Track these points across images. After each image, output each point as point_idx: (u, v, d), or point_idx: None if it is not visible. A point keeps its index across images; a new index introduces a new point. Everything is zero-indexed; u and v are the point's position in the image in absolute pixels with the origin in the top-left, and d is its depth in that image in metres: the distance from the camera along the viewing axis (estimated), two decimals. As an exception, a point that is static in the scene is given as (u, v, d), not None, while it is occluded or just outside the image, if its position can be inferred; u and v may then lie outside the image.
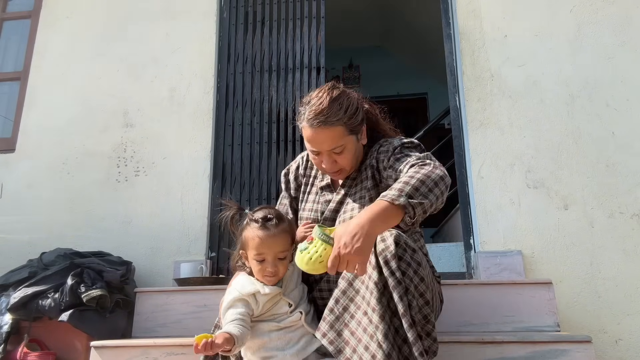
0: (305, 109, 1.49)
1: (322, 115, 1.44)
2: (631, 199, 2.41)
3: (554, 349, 1.63)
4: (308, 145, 1.51)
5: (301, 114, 1.51)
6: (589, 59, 2.64)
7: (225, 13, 3.10)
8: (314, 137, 1.47)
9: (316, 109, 1.45)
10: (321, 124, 1.44)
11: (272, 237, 1.41)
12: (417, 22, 5.22)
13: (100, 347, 1.88)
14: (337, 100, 1.48)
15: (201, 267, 2.51)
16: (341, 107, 1.47)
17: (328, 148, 1.47)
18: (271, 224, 1.42)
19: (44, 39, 3.19)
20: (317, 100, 1.47)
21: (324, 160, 1.50)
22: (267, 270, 1.41)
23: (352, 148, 1.51)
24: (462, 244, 2.60)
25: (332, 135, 1.46)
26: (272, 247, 1.41)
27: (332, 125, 1.45)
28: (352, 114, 1.49)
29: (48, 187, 2.88)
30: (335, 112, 1.45)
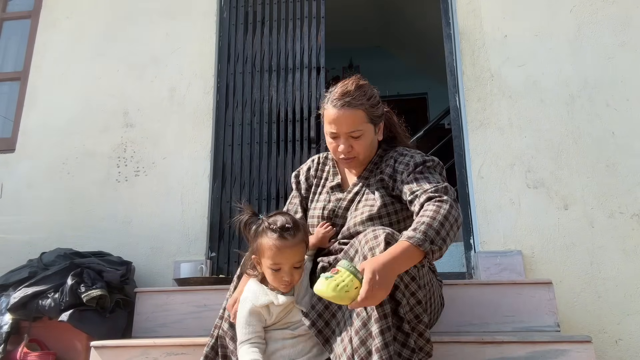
0: (329, 94, 1.57)
1: (347, 96, 1.51)
2: (631, 199, 2.41)
3: (554, 349, 1.63)
4: (328, 127, 1.55)
5: (325, 98, 1.57)
6: (589, 59, 2.63)
7: (225, 13, 3.10)
8: (337, 117, 1.51)
9: (342, 90, 1.52)
10: (345, 105, 1.50)
11: (290, 248, 1.38)
12: (417, 22, 5.22)
13: (100, 347, 1.88)
14: (361, 87, 1.56)
15: (201, 267, 2.51)
16: (365, 93, 1.55)
17: (347, 130, 1.52)
18: (289, 234, 1.39)
19: (44, 39, 3.19)
20: (343, 85, 1.55)
21: (340, 144, 1.53)
22: (283, 279, 1.39)
23: (369, 136, 1.56)
24: (462, 244, 2.60)
25: (354, 117, 1.51)
26: (289, 258, 1.39)
27: (355, 107, 1.51)
28: (374, 103, 1.56)
29: (48, 187, 2.88)
30: (359, 96, 1.52)
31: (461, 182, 2.63)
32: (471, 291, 2.06)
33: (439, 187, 1.38)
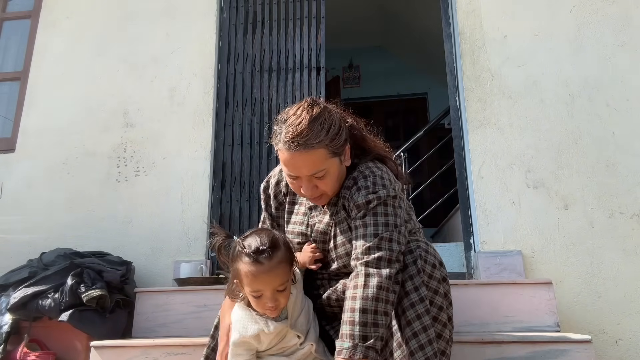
0: (281, 129, 1.31)
1: (301, 137, 1.27)
2: (631, 199, 2.41)
3: (554, 349, 1.63)
4: (285, 170, 1.34)
5: (276, 134, 1.33)
6: (589, 59, 2.64)
7: (225, 13, 3.10)
8: (292, 161, 1.30)
9: (294, 130, 1.28)
10: (300, 147, 1.27)
11: (267, 273, 1.25)
12: (417, 22, 5.22)
13: (100, 347, 1.88)
14: (317, 119, 1.30)
15: (201, 267, 2.51)
16: (322, 127, 1.30)
17: (308, 173, 1.31)
18: (264, 257, 1.25)
19: (44, 39, 3.19)
20: (295, 120, 1.30)
21: (303, 186, 1.34)
22: (266, 305, 1.27)
23: (334, 171, 1.35)
24: (462, 244, 2.60)
25: (313, 159, 1.29)
26: (269, 283, 1.25)
27: (313, 148, 1.28)
28: (334, 134, 1.32)
29: (48, 187, 2.88)
30: (316, 134, 1.28)
31: (461, 182, 2.63)
32: (471, 291, 2.06)
33: (372, 245, 1.27)
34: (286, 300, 1.31)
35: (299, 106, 1.35)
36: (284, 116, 1.35)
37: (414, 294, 1.26)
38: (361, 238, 1.30)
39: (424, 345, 1.22)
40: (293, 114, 1.32)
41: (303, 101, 1.37)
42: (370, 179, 1.35)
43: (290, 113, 1.34)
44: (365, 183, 1.35)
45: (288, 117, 1.32)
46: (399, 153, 4.08)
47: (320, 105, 1.35)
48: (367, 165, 1.41)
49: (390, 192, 1.33)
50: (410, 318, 1.24)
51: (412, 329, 1.23)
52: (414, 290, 1.27)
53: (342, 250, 1.39)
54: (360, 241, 1.29)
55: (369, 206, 1.32)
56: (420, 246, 1.34)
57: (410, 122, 6.19)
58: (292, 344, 1.33)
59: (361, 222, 1.32)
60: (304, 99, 1.39)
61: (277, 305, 1.28)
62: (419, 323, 1.23)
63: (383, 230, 1.29)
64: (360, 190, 1.34)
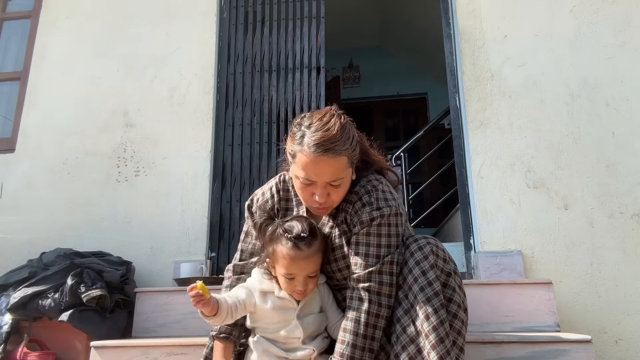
0: (304, 132, 1.31)
1: (332, 141, 1.28)
2: (631, 199, 2.41)
3: (554, 349, 1.63)
4: (302, 174, 1.32)
5: (296, 137, 1.33)
6: (589, 59, 2.64)
7: (225, 13, 3.10)
8: (316, 165, 1.29)
9: (325, 134, 1.28)
10: (329, 152, 1.28)
11: (305, 259, 1.31)
12: (417, 22, 5.22)
13: (100, 347, 1.88)
14: (345, 127, 1.34)
15: (201, 267, 2.51)
16: (348, 136, 1.34)
17: (329, 179, 1.31)
18: (304, 244, 1.31)
19: (44, 39, 3.19)
20: (322, 125, 1.31)
21: (317, 192, 1.33)
22: (296, 288, 1.33)
23: (347, 182, 1.37)
24: (462, 244, 2.59)
25: (337, 165, 1.31)
26: (303, 269, 1.32)
27: (340, 154, 1.30)
28: (355, 145, 1.36)
29: (48, 187, 2.88)
30: (344, 141, 1.31)
31: (461, 182, 2.63)
32: (471, 291, 2.05)
33: (373, 273, 1.31)
34: (314, 286, 1.36)
35: (324, 113, 1.36)
36: (305, 121, 1.35)
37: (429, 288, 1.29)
38: (363, 256, 1.33)
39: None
40: (319, 119, 1.33)
41: (327, 108, 1.38)
42: (374, 194, 1.37)
43: (314, 118, 1.34)
44: (369, 199, 1.37)
45: (313, 122, 1.32)
46: (399, 153, 4.09)
47: (344, 116, 1.37)
48: (369, 179, 1.42)
49: (393, 210, 1.36)
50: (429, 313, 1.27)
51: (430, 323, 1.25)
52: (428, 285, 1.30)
53: (343, 264, 1.41)
54: (362, 261, 1.33)
55: (373, 223, 1.34)
56: (430, 242, 1.36)
57: (410, 122, 6.19)
58: (293, 336, 1.35)
59: (364, 240, 1.35)
60: (327, 107, 1.39)
61: (306, 289, 1.34)
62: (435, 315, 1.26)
63: (385, 253, 1.33)
64: (364, 207, 1.36)
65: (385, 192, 1.39)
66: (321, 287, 1.42)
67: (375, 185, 1.40)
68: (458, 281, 1.36)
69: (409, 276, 1.31)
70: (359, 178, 1.43)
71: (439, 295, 1.27)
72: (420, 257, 1.32)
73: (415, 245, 1.34)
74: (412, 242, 1.36)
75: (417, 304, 1.26)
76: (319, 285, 1.41)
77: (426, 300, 1.26)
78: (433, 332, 1.23)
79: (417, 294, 1.27)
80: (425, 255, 1.31)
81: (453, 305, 1.30)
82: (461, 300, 1.34)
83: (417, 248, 1.33)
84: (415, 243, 1.35)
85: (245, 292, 1.38)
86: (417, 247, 1.34)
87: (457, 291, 1.33)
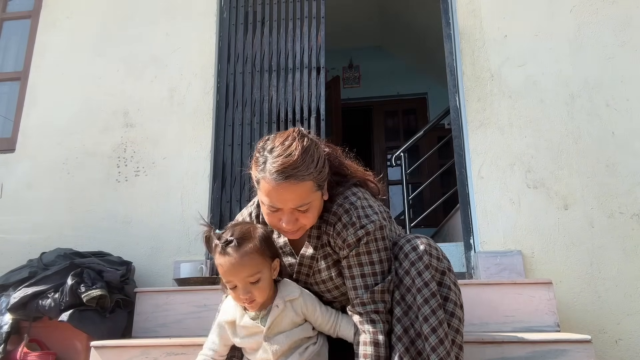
0: (266, 158, 1.26)
1: (293, 167, 1.22)
2: (631, 199, 2.41)
3: (554, 349, 1.63)
4: (266, 200, 1.27)
5: (259, 163, 1.27)
6: (589, 59, 2.63)
7: (225, 13, 3.10)
8: (279, 192, 1.24)
9: (285, 161, 1.22)
10: (290, 178, 1.22)
11: (235, 263, 1.27)
12: (417, 22, 5.22)
13: (100, 347, 1.88)
14: (308, 151, 1.26)
15: (201, 267, 2.50)
16: (312, 159, 1.26)
17: (293, 206, 1.26)
18: (232, 248, 1.28)
19: (44, 39, 3.19)
20: (283, 150, 1.25)
21: (284, 219, 1.29)
22: (240, 297, 1.30)
23: (317, 205, 1.32)
24: (462, 244, 2.59)
25: (301, 191, 1.25)
26: (237, 273, 1.28)
27: (303, 180, 1.24)
28: (321, 167, 1.29)
29: (48, 187, 2.88)
30: (307, 165, 1.24)
31: (461, 182, 2.63)
32: (471, 291, 2.06)
33: (375, 291, 1.30)
34: (262, 294, 1.32)
35: (286, 136, 1.30)
36: (267, 145, 1.29)
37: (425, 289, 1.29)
38: (360, 278, 1.32)
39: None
40: (281, 144, 1.27)
41: (289, 131, 1.33)
42: (354, 213, 1.33)
43: (276, 142, 1.28)
44: (349, 219, 1.33)
45: (275, 147, 1.27)
46: (399, 153, 4.09)
47: (308, 137, 1.31)
48: (345, 197, 1.37)
49: (377, 224, 1.33)
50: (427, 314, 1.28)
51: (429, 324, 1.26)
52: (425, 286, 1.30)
53: (331, 285, 1.41)
54: (361, 283, 1.32)
55: (360, 243, 1.32)
56: (423, 242, 1.36)
57: (410, 122, 6.19)
58: (267, 358, 1.33)
59: (356, 261, 1.33)
60: (290, 129, 1.34)
61: (251, 297, 1.30)
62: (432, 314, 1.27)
63: (380, 269, 1.32)
64: (347, 228, 1.33)
65: (364, 207, 1.35)
66: (296, 303, 1.38)
67: (352, 202, 1.35)
68: (453, 278, 1.36)
69: (406, 277, 1.30)
70: (335, 196, 1.37)
71: (436, 295, 1.27)
72: (414, 257, 1.31)
73: (409, 245, 1.34)
74: (405, 242, 1.35)
75: (414, 305, 1.27)
76: (293, 301, 1.37)
77: (424, 301, 1.26)
78: (432, 334, 1.23)
79: (415, 295, 1.27)
80: (419, 255, 1.31)
81: (450, 304, 1.30)
82: (457, 298, 1.34)
83: (410, 249, 1.33)
84: (408, 244, 1.34)
85: (218, 331, 1.41)
86: (410, 247, 1.33)
87: (453, 289, 1.33)
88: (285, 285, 1.40)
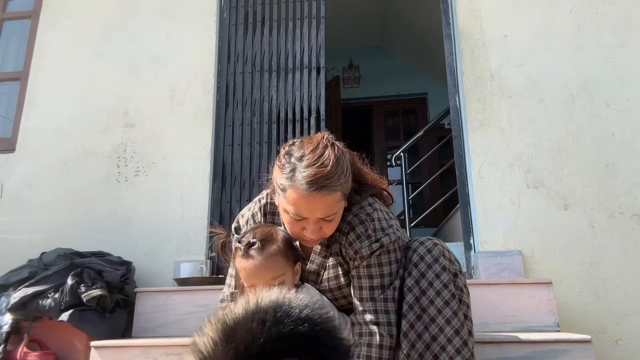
0: (294, 166, 1.21)
1: (327, 178, 1.18)
2: (631, 199, 2.41)
3: (553, 349, 1.63)
4: (292, 210, 1.22)
5: (286, 170, 1.22)
6: (589, 59, 2.63)
7: (225, 13, 3.10)
8: (308, 202, 1.20)
9: (318, 171, 1.18)
10: (323, 189, 1.18)
11: (259, 265, 1.26)
12: (417, 22, 5.22)
13: (100, 347, 1.88)
14: (339, 161, 1.23)
15: (201, 267, 2.51)
16: (343, 169, 1.23)
17: (322, 215, 1.23)
18: (255, 250, 1.27)
19: (44, 39, 3.19)
20: (316, 159, 1.20)
21: (308, 228, 1.25)
22: None
23: (340, 214, 1.29)
24: (462, 244, 2.59)
25: (331, 202, 1.21)
26: (261, 276, 1.26)
27: (334, 191, 1.20)
28: (348, 176, 1.27)
29: (48, 187, 2.88)
30: (339, 176, 1.20)
31: (461, 182, 2.63)
32: (471, 291, 2.04)
33: (377, 300, 1.28)
34: None
35: (317, 143, 1.25)
36: (294, 151, 1.25)
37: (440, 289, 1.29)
38: (367, 290, 1.30)
39: None
40: (312, 151, 1.22)
41: (319, 136, 1.28)
42: (370, 225, 1.31)
43: (306, 149, 1.23)
44: (365, 230, 1.30)
45: (305, 154, 1.22)
46: (399, 153, 4.09)
47: (338, 146, 1.27)
48: (361, 206, 1.34)
49: (392, 237, 1.31)
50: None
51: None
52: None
53: (339, 293, 1.39)
54: (368, 294, 1.30)
55: (373, 255, 1.30)
56: (436, 244, 1.35)
57: (410, 122, 6.19)
58: None
59: (366, 272, 1.31)
60: (319, 135, 1.30)
61: None
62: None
63: (388, 282, 1.30)
64: (361, 240, 1.30)
65: (381, 220, 1.32)
66: None
67: (369, 213, 1.32)
68: (464, 281, 1.36)
69: (422, 280, 1.29)
70: (351, 205, 1.34)
71: (456, 297, 1.28)
72: (430, 260, 1.31)
73: (423, 247, 1.33)
74: (419, 245, 1.34)
75: (429, 308, 1.26)
76: None
77: (444, 304, 1.26)
78: (456, 336, 1.24)
79: (434, 298, 1.27)
80: (435, 257, 1.31)
81: (463, 306, 1.31)
82: (469, 301, 1.34)
83: (425, 251, 1.32)
84: (422, 246, 1.33)
85: None
86: (425, 249, 1.33)
87: (464, 291, 1.34)
88: (305, 291, 1.38)
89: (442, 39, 2.88)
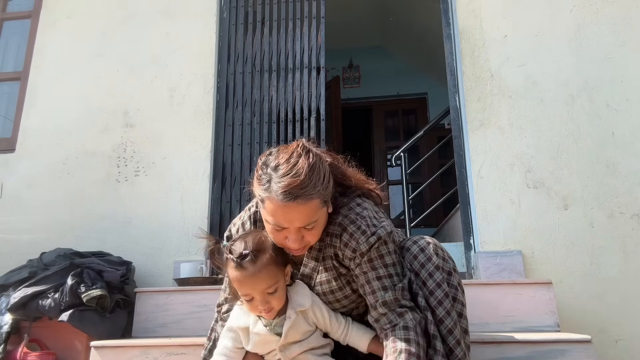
0: (270, 176, 1.20)
1: (300, 187, 1.16)
2: (631, 199, 2.41)
3: (553, 349, 1.63)
4: (271, 220, 1.22)
5: (263, 181, 1.21)
6: (589, 59, 2.63)
7: (225, 13, 3.10)
8: (285, 212, 1.19)
9: (292, 181, 1.16)
10: (298, 199, 1.16)
11: (253, 276, 1.25)
12: (417, 22, 5.22)
13: (100, 347, 1.88)
14: (314, 168, 1.20)
15: (201, 267, 2.51)
16: (319, 176, 1.21)
17: (300, 224, 1.22)
18: (248, 262, 1.25)
19: (44, 39, 3.19)
20: (289, 168, 1.19)
21: (290, 237, 1.24)
22: (258, 308, 1.28)
23: (322, 221, 1.27)
24: (462, 244, 2.59)
25: (308, 210, 1.20)
26: (255, 286, 1.26)
27: (310, 199, 1.18)
28: (327, 183, 1.24)
29: (48, 187, 2.88)
30: (314, 184, 1.18)
31: (461, 182, 2.63)
32: (471, 291, 2.06)
33: (398, 296, 1.26)
34: (279, 302, 1.31)
35: (291, 152, 1.23)
36: (270, 161, 1.23)
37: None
38: (377, 281, 1.28)
39: None
40: (286, 161, 1.21)
41: (293, 145, 1.26)
42: (362, 222, 1.30)
43: (281, 159, 1.22)
44: (358, 228, 1.29)
45: (279, 164, 1.21)
46: (399, 153, 4.09)
47: (313, 152, 1.25)
48: (350, 208, 1.33)
49: (387, 229, 1.30)
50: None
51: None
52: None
53: (332, 297, 1.37)
54: (379, 285, 1.28)
55: (372, 248, 1.28)
56: (429, 242, 1.36)
57: (410, 122, 6.19)
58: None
59: (369, 266, 1.29)
60: (294, 143, 1.27)
61: (270, 307, 1.28)
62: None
63: (393, 272, 1.29)
64: (356, 237, 1.29)
65: (371, 217, 1.31)
66: (308, 313, 1.35)
67: (358, 212, 1.31)
68: (458, 279, 1.36)
69: (416, 280, 1.29)
70: (338, 207, 1.33)
71: (449, 296, 1.28)
72: (423, 259, 1.31)
73: (416, 247, 1.33)
74: (412, 244, 1.34)
75: (424, 308, 1.26)
76: (305, 311, 1.34)
77: (438, 303, 1.26)
78: (449, 336, 1.24)
79: (427, 297, 1.27)
80: (428, 256, 1.31)
81: (458, 305, 1.31)
82: (464, 298, 1.34)
83: (418, 250, 1.33)
84: (415, 245, 1.34)
85: (231, 336, 1.37)
86: (418, 248, 1.33)
87: (459, 289, 1.33)
88: (296, 293, 1.37)
89: (442, 39, 2.88)
